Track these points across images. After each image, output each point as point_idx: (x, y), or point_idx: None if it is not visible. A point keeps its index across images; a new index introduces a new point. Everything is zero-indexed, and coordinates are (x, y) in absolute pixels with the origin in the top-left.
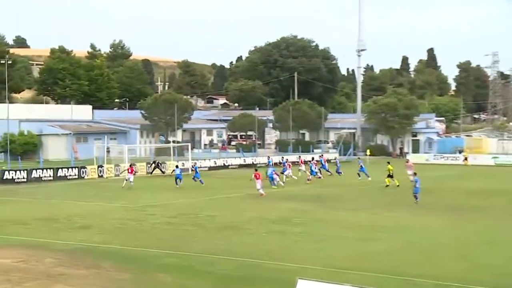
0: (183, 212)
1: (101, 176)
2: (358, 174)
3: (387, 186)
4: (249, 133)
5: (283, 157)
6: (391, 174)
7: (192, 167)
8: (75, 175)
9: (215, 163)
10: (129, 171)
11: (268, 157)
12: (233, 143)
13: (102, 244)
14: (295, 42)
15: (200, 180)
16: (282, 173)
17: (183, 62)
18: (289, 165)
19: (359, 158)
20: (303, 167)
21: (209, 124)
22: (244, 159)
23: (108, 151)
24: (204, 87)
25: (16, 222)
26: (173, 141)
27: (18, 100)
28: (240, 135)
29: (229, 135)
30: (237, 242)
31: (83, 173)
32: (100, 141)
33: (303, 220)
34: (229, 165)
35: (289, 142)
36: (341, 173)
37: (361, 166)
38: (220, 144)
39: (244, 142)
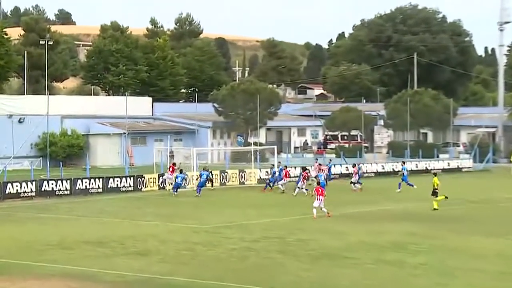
0: (267, 234)
1: (163, 187)
2: (399, 184)
3: None
4: (353, 132)
5: (273, 166)
6: None
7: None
8: (130, 186)
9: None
10: (170, 170)
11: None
12: (331, 145)
13: (165, 275)
14: (414, 13)
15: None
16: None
17: (268, 41)
18: (305, 176)
19: (403, 162)
20: (356, 177)
21: (301, 121)
22: (347, 167)
23: (171, 156)
24: (295, 73)
25: (57, 246)
26: (255, 143)
27: (61, 91)
28: (342, 136)
29: (326, 135)
30: (337, 275)
31: (140, 183)
32: (161, 142)
33: (422, 247)
34: (336, 175)
35: (405, 144)
36: (412, 185)
37: (404, 174)
38: (315, 147)
39: (347, 145)
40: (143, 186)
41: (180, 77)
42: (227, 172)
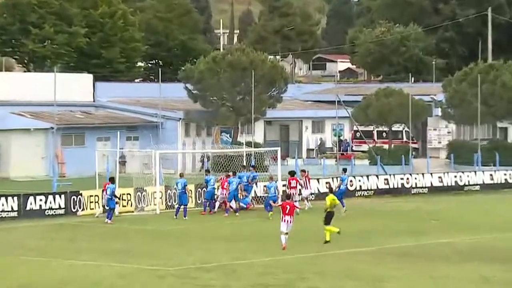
0: (264, 281)
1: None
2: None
3: None
4: (396, 127)
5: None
6: None
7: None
8: (61, 208)
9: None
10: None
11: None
12: (363, 147)
13: None
14: None
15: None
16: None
17: None
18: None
19: (344, 170)
20: (308, 190)
21: (318, 110)
22: (386, 179)
23: (123, 163)
24: (309, 39)
25: None
26: (248, 144)
27: None
28: (378, 132)
29: (355, 131)
30: None
31: (74, 204)
32: (107, 142)
33: None
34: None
35: (475, 145)
36: (343, 205)
37: (339, 187)
38: (335, 148)
39: (386, 146)
40: (79, 208)
41: (135, 44)
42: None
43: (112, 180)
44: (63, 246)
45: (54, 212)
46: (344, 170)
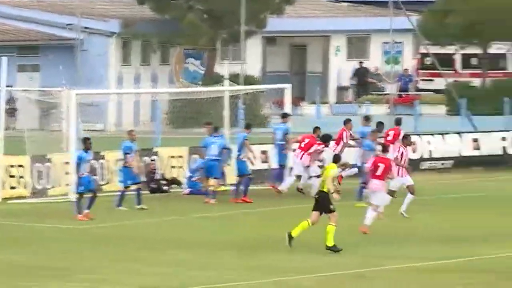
0: None
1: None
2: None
3: None
4: (496, 48)
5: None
6: None
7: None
8: None
9: None
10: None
11: None
12: (434, 83)
13: None
14: None
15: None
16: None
17: None
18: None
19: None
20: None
21: (357, 16)
22: (476, 140)
23: (11, 111)
24: None
25: None
26: (233, 78)
27: None
28: (465, 56)
29: (423, 55)
30: None
31: None
32: None
33: None
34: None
35: None
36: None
37: None
38: (389, 86)
39: (478, 80)
40: None
41: None
42: (157, 156)
43: (86, 142)
44: None
45: None
46: (367, 118)
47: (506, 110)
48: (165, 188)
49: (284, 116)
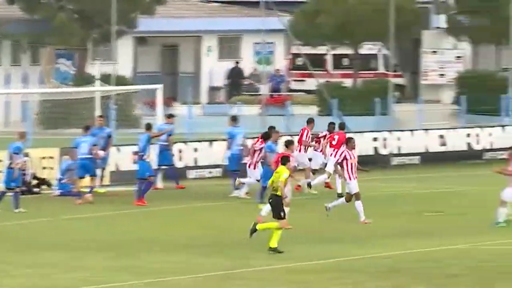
0: None
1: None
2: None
3: None
4: (366, 49)
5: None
6: None
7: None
8: None
9: None
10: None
11: None
12: (305, 84)
13: None
14: None
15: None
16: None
17: None
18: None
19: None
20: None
21: (229, 16)
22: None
23: None
24: None
25: None
26: (103, 78)
27: None
28: (336, 57)
29: (295, 55)
30: None
31: None
32: None
33: None
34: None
35: (502, 81)
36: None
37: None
38: (261, 87)
39: (349, 80)
40: None
41: None
42: (28, 157)
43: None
44: None
45: None
46: (234, 118)
47: (377, 110)
48: (35, 189)
49: (170, 116)
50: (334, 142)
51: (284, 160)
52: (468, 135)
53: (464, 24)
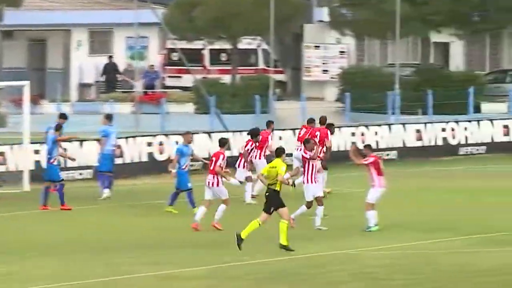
0: None
1: None
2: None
3: None
4: (245, 43)
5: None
6: None
7: None
8: None
9: None
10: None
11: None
12: (181, 81)
13: None
14: None
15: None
16: None
17: None
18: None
19: None
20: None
21: (100, 9)
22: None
23: None
24: None
25: None
26: None
27: None
28: (213, 52)
29: (170, 50)
30: None
31: None
32: None
33: None
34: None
35: (388, 77)
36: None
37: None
38: (135, 84)
39: (227, 77)
40: None
41: None
42: None
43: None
44: None
45: None
46: (108, 117)
47: (257, 108)
48: None
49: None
50: (316, 139)
51: (279, 152)
52: (353, 134)
53: (347, 17)
